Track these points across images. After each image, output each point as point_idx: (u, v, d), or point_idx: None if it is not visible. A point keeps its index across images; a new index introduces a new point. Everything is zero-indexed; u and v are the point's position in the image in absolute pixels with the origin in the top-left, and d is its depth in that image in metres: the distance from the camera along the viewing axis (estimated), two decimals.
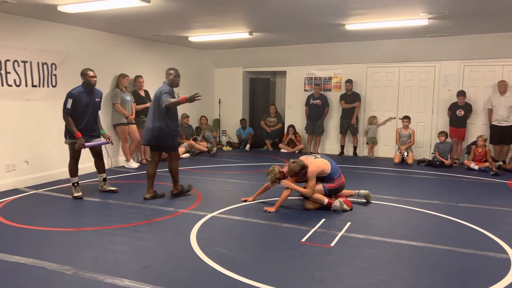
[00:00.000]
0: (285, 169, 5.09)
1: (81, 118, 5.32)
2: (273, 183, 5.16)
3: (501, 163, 7.87)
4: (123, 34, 7.75)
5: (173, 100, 5.12)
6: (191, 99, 5.00)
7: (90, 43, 7.15)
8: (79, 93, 5.31)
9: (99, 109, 5.66)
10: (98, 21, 6.38)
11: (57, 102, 6.47)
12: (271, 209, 4.88)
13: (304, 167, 4.89)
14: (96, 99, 5.52)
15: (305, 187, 4.98)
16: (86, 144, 5.34)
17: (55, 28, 6.48)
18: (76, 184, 5.50)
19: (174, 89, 5.49)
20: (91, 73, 5.37)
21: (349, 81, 9.19)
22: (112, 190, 5.75)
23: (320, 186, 4.95)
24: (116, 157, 7.84)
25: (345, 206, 4.96)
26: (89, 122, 5.42)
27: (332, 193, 5.03)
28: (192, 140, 9.32)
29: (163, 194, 5.58)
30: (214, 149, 9.35)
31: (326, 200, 4.93)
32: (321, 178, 4.99)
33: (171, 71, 5.42)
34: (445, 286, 3.05)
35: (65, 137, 5.44)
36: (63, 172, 6.58)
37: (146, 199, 5.37)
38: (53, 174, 6.52)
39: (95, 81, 5.45)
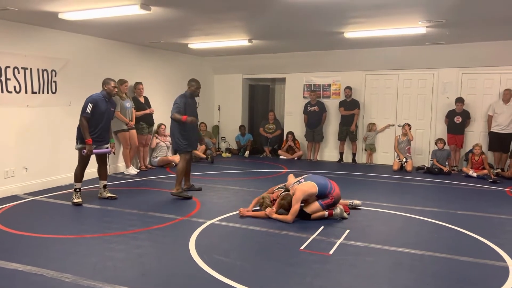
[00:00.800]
0: (275, 194, 5.15)
1: (96, 125, 5.43)
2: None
3: (499, 170, 7.89)
4: (123, 41, 7.79)
5: (177, 116, 5.77)
6: (190, 121, 5.82)
7: (90, 50, 7.18)
8: (99, 100, 5.44)
9: (112, 118, 5.80)
10: (99, 28, 6.41)
11: (56, 109, 6.51)
12: (244, 211, 5.00)
13: (291, 199, 4.82)
14: (112, 109, 5.67)
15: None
16: (95, 152, 5.42)
17: (56, 35, 6.51)
18: (78, 190, 5.52)
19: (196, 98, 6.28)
20: (113, 83, 5.55)
21: (348, 88, 9.23)
22: (111, 197, 5.76)
23: (316, 205, 4.83)
24: (115, 163, 7.85)
25: (345, 214, 4.96)
26: (103, 130, 5.54)
27: (330, 207, 4.92)
28: None
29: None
30: (209, 157, 9.28)
31: (326, 213, 4.88)
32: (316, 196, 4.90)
33: (193, 83, 6.14)
34: None
35: (77, 142, 5.49)
36: (62, 178, 6.60)
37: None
38: (52, 180, 6.51)
39: (116, 91, 5.70)
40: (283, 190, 5.19)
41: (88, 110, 5.31)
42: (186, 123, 5.82)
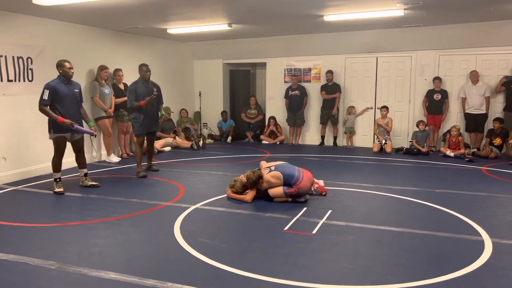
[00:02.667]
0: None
1: (62, 109, 5.25)
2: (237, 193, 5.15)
3: (475, 150, 8.12)
4: (100, 27, 7.64)
5: (135, 104, 6.22)
6: (148, 102, 6.20)
7: (66, 36, 7.03)
8: (57, 85, 5.25)
9: (81, 101, 5.63)
10: (75, 14, 6.27)
11: (34, 97, 6.34)
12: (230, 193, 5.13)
13: (260, 177, 4.90)
14: (75, 90, 5.46)
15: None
16: (75, 127, 5.29)
17: (30, 22, 6.34)
18: (58, 179, 5.45)
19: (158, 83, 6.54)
20: (67, 65, 5.32)
21: (329, 72, 9.28)
22: (93, 185, 5.71)
23: (280, 190, 4.87)
24: (98, 151, 7.77)
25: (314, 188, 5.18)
26: (71, 113, 5.34)
27: (293, 197, 4.93)
28: (173, 133, 9.30)
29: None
30: (201, 142, 9.29)
31: (289, 199, 4.94)
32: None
33: (143, 67, 6.38)
34: (423, 268, 3.17)
35: (49, 131, 5.34)
36: (42, 168, 6.51)
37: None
38: (32, 170, 6.42)
39: (73, 72, 5.41)
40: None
41: (45, 96, 5.13)
42: (143, 107, 6.20)
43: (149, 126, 6.44)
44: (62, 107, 5.26)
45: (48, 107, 5.22)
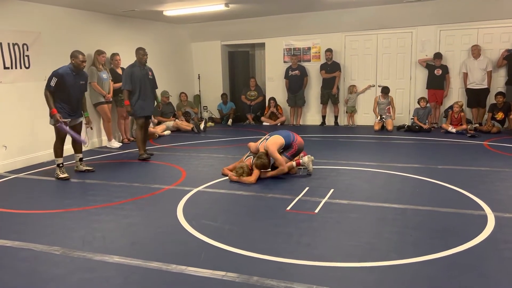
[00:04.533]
0: (248, 161, 5.20)
1: (66, 99, 5.31)
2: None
3: (477, 125, 8.07)
4: (96, 11, 7.53)
5: (125, 95, 6.30)
6: (129, 110, 6.35)
7: (62, 21, 6.93)
8: (65, 73, 5.26)
9: (85, 91, 5.67)
10: None
11: (32, 84, 6.33)
12: (232, 176, 5.10)
13: (267, 156, 5.03)
14: (81, 82, 5.49)
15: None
16: (66, 129, 5.31)
17: (25, 7, 6.25)
18: (61, 165, 5.47)
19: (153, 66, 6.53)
20: (81, 57, 5.35)
21: (329, 50, 9.17)
22: (88, 170, 5.73)
23: (283, 158, 5.09)
24: (99, 137, 7.77)
25: (311, 165, 5.21)
26: (74, 103, 5.43)
27: (295, 157, 5.25)
28: (172, 117, 9.26)
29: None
30: (202, 124, 9.27)
31: (294, 163, 5.18)
32: (281, 151, 5.14)
33: (140, 51, 6.32)
34: (427, 244, 3.17)
35: (51, 117, 5.35)
36: (43, 155, 6.50)
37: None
38: (33, 157, 6.41)
39: (84, 65, 5.48)
40: (252, 157, 5.24)
41: (52, 83, 5.15)
42: (139, 94, 6.23)
43: (147, 110, 6.41)
44: (64, 96, 5.29)
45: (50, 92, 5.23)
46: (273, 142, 5.08)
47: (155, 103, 6.76)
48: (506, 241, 3.18)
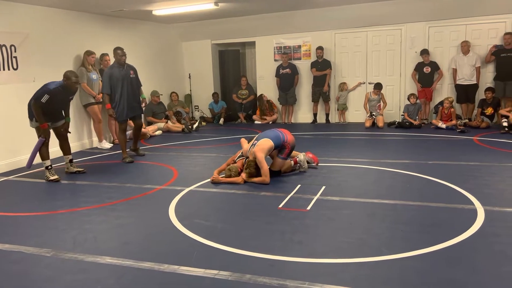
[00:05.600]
0: (239, 163, 5.10)
1: (51, 110, 5.31)
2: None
3: (467, 120, 8.15)
4: (85, 11, 7.48)
5: (106, 100, 6.23)
6: (111, 113, 6.29)
7: (50, 22, 6.87)
8: (57, 91, 5.22)
9: (71, 100, 5.63)
10: None
11: (20, 86, 6.27)
12: (218, 177, 4.95)
13: (255, 163, 4.84)
14: (70, 98, 5.51)
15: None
16: (39, 147, 5.33)
17: (12, 8, 6.18)
18: (49, 167, 5.42)
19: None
20: (74, 79, 5.30)
21: (320, 48, 9.19)
22: (79, 171, 5.70)
23: (279, 160, 5.01)
24: (90, 138, 7.72)
25: (306, 163, 5.24)
26: (59, 113, 5.48)
27: (290, 155, 5.18)
28: (164, 119, 9.22)
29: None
30: (196, 124, 9.26)
31: (291, 162, 5.18)
32: (275, 153, 5.06)
33: (118, 51, 6.17)
34: (417, 239, 3.20)
35: (31, 119, 5.32)
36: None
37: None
38: (22, 160, 6.34)
39: (77, 88, 5.51)
40: (243, 158, 5.16)
41: (43, 100, 5.12)
42: (121, 96, 6.13)
43: (131, 111, 6.32)
44: (51, 108, 5.28)
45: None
46: (260, 148, 4.82)
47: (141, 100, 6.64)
48: (495, 234, 3.22)
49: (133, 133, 6.74)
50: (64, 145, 5.68)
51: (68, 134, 5.72)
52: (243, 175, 4.93)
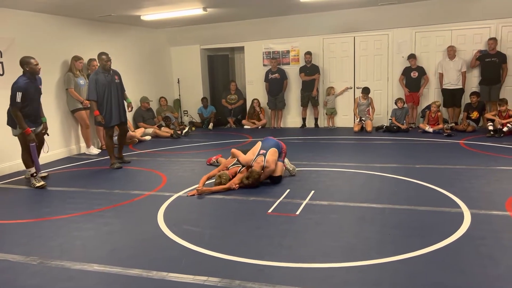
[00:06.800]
0: (232, 171, 5.02)
1: (29, 108, 5.22)
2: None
3: (453, 124, 8.25)
4: (72, 16, 7.43)
5: (93, 106, 6.13)
6: (100, 120, 6.14)
7: (37, 27, 6.82)
8: (27, 84, 5.15)
9: (41, 94, 5.54)
10: (45, 3, 6.07)
11: (6, 92, 6.15)
12: (204, 188, 4.74)
13: (258, 173, 4.80)
14: (39, 87, 5.41)
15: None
16: (35, 152, 5.32)
17: None
18: (34, 174, 5.34)
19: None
20: (34, 61, 5.21)
21: (308, 53, 9.25)
22: (40, 186, 5.37)
23: (281, 165, 5.06)
24: (78, 144, 7.65)
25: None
26: (36, 111, 5.38)
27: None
28: (157, 127, 9.18)
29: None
30: (186, 129, 9.24)
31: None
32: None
33: (103, 56, 6.12)
34: (405, 242, 3.23)
35: (14, 127, 5.26)
36: (17, 164, 6.34)
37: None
38: (6, 167, 6.27)
39: (40, 68, 5.33)
40: (240, 166, 5.08)
41: (18, 99, 5.03)
42: (107, 102, 6.08)
43: (118, 117, 6.26)
44: (29, 107, 5.21)
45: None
46: (273, 159, 4.90)
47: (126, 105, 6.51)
48: (482, 237, 3.26)
49: (118, 139, 6.69)
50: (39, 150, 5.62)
51: (47, 135, 5.69)
52: (237, 181, 4.83)
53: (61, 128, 7.28)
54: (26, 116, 5.18)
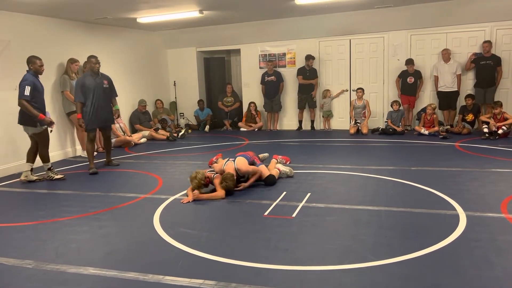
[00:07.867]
0: (209, 174, 4.88)
1: (38, 103, 5.39)
2: (198, 189, 4.67)
3: (448, 126, 8.29)
4: (68, 18, 7.42)
5: (78, 108, 6.10)
6: (81, 123, 6.10)
7: (33, 30, 6.80)
8: (35, 80, 5.34)
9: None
10: (40, 5, 6.06)
11: (2, 94, 6.16)
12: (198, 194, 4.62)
13: (233, 177, 4.74)
14: (42, 85, 5.61)
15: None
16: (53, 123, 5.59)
17: None
18: (51, 167, 5.70)
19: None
20: (39, 62, 5.43)
21: (311, 58, 9.20)
22: (61, 178, 5.78)
23: (263, 166, 5.18)
24: (73, 146, 7.63)
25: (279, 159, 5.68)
26: (43, 106, 5.55)
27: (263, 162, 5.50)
28: (154, 130, 9.16)
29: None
30: (182, 131, 9.24)
31: (277, 170, 5.32)
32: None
33: (92, 59, 6.10)
34: (401, 244, 3.23)
35: (35, 125, 5.44)
36: (12, 167, 6.33)
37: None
38: (1, 170, 6.23)
39: (43, 70, 5.54)
40: (214, 173, 4.97)
41: (27, 92, 5.17)
42: (91, 105, 6.04)
43: (102, 121, 6.23)
44: (39, 104, 5.42)
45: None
46: (243, 162, 4.96)
47: (113, 111, 6.47)
48: (477, 239, 3.27)
49: (103, 145, 6.73)
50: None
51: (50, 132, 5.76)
52: (219, 188, 4.69)
53: (57, 130, 7.24)
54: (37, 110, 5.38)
